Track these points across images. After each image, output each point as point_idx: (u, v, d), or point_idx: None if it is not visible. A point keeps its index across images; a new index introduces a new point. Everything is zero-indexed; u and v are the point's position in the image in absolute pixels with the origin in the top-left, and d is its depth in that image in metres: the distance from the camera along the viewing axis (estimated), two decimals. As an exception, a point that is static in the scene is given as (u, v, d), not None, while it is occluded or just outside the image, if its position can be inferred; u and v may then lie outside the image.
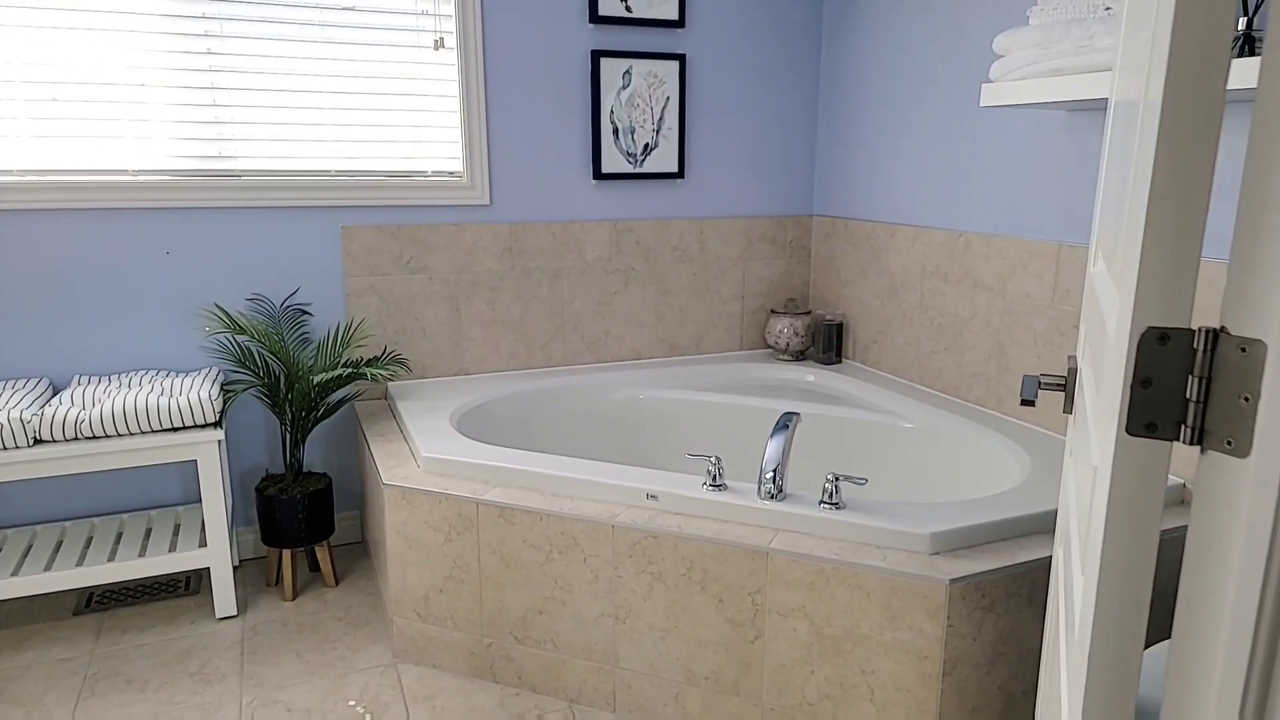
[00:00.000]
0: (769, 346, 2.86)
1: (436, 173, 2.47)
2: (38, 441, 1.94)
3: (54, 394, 2.16)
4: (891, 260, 2.52)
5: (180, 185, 2.21)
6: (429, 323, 2.53)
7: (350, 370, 2.17)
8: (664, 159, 2.69)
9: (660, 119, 2.65)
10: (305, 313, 2.41)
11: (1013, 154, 2.07)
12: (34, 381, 2.15)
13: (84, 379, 2.19)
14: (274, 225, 2.33)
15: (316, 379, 2.11)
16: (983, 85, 1.76)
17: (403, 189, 2.42)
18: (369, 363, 2.35)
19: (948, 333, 2.31)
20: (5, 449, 1.89)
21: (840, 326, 2.73)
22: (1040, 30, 1.58)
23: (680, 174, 2.71)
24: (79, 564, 2.04)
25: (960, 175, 2.25)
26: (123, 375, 2.22)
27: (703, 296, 2.84)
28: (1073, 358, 1.03)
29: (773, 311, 2.82)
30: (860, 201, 2.67)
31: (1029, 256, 2.02)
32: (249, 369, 2.23)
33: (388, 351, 2.49)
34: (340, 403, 2.32)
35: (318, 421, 2.29)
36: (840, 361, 2.76)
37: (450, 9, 2.38)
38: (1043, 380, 1.02)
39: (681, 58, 2.63)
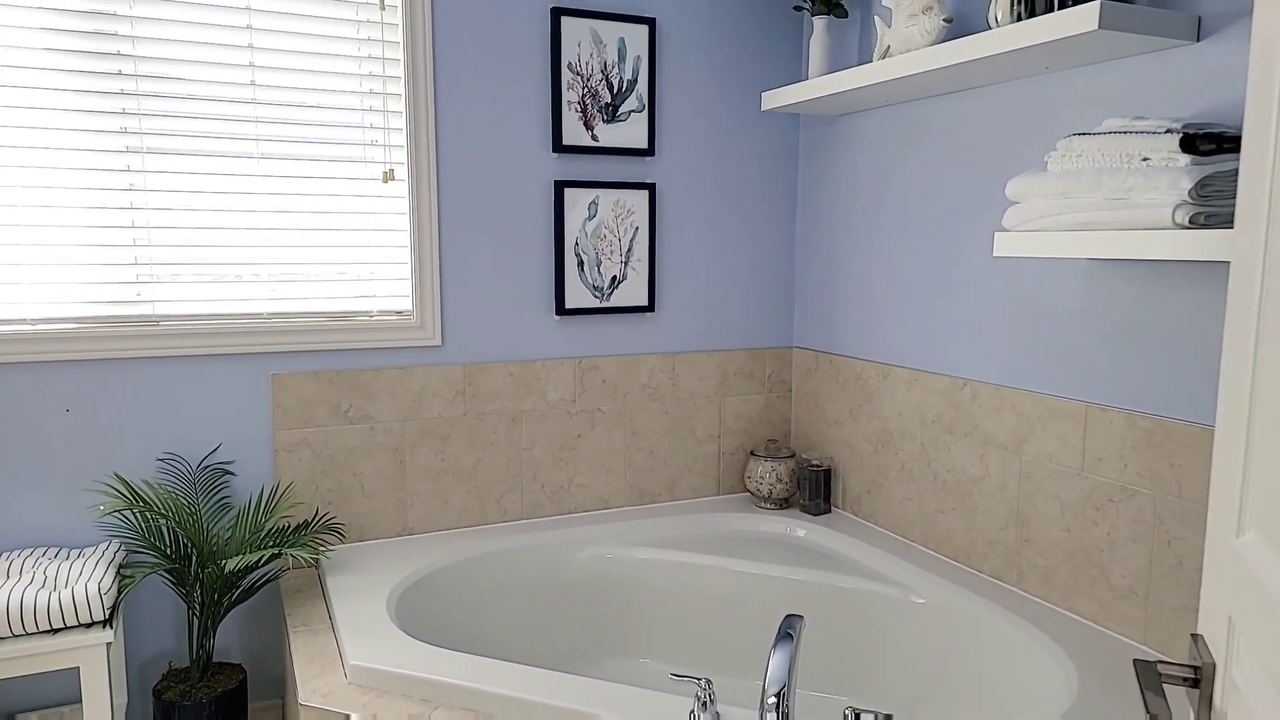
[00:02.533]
0: (749, 492, 2.60)
1: (382, 312, 2.23)
2: (-124, 656, 1.59)
3: (-87, 583, 1.81)
4: (885, 404, 2.31)
5: (88, 335, 1.93)
6: (369, 478, 2.23)
7: (271, 551, 1.86)
8: (633, 292, 2.48)
9: (629, 250, 2.46)
10: (227, 472, 2.11)
11: (1024, 300, 1.89)
12: (-111, 569, 1.80)
13: (-47, 563, 1.85)
14: (194, 375, 2.05)
15: (228, 565, 1.79)
16: (996, 234, 1.58)
17: (344, 331, 2.17)
18: (296, 531, 2.04)
19: (955, 491, 2.08)
20: None
21: (828, 472, 2.49)
22: (1064, 178, 1.41)
23: (650, 307, 2.50)
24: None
25: (963, 318, 2.06)
26: (6, 555, 1.88)
27: (676, 437, 2.59)
28: (1201, 642, 0.79)
29: (752, 454, 2.57)
30: (846, 337, 2.47)
31: (1050, 415, 1.81)
32: (154, 546, 1.90)
33: (319, 516, 2.18)
34: (260, 582, 1.99)
35: (233, 606, 1.96)
36: (829, 511, 2.50)
37: (402, 139, 2.19)
38: (1163, 670, 0.77)
39: (651, 187, 2.46)
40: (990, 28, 1.69)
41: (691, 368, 2.59)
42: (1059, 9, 1.58)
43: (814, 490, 2.48)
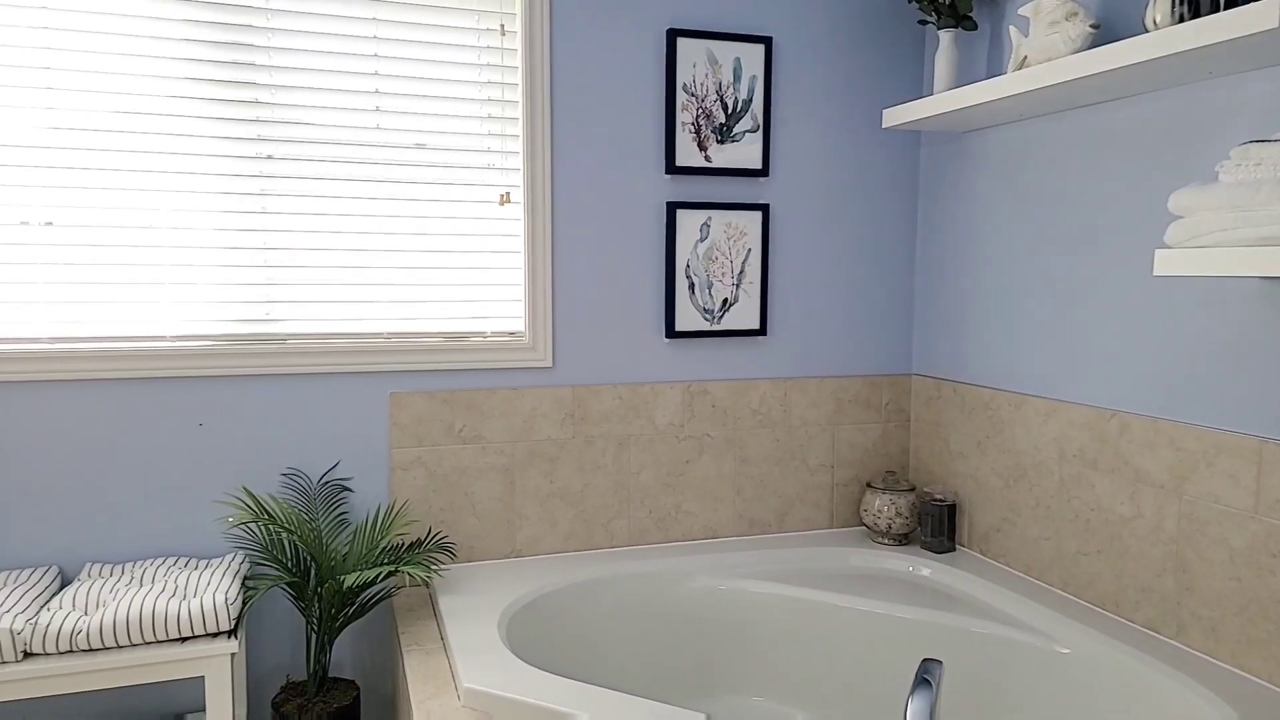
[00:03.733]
0: (865, 526, 2.48)
1: (495, 333, 2.24)
2: (28, 655, 1.66)
3: (61, 586, 1.91)
4: (1018, 436, 2.16)
5: (220, 351, 2.01)
6: (480, 498, 2.23)
7: (388, 569, 1.87)
8: (744, 315, 2.42)
9: (741, 272, 2.40)
10: (345, 489, 2.14)
11: (1185, 323, 1.74)
12: (41, 571, 1.90)
13: (95, 569, 1.93)
14: (316, 392, 2.10)
15: (347, 581, 1.81)
16: (1157, 252, 1.45)
17: (458, 351, 2.19)
18: (410, 549, 2.05)
19: (1101, 532, 1.91)
20: (-13, 666, 1.62)
21: (953, 508, 2.35)
22: (1239, 189, 1.28)
23: (762, 330, 2.43)
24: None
25: (1110, 343, 1.91)
26: (138, 564, 1.96)
27: (787, 466, 2.50)
28: None
29: (869, 486, 2.46)
30: (973, 364, 2.34)
31: (1216, 452, 1.64)
32: (277, 560, 1.95)
33: (432, 535, 2.19)
34: (375, 600, 2.01)
35: (349, 621, 1.97)
36: (954, 549, 2.36)
37: (518, 162, 2.21)
38: None
39: (765, 208, 2.40)
40: (1146, 31, 1.57)
41: (804, 394, 2.50)
42: (1226, 8, 1.45)
43: (937, 526, 2.34)
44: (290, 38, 2.01)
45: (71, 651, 1.68)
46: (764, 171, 2.39)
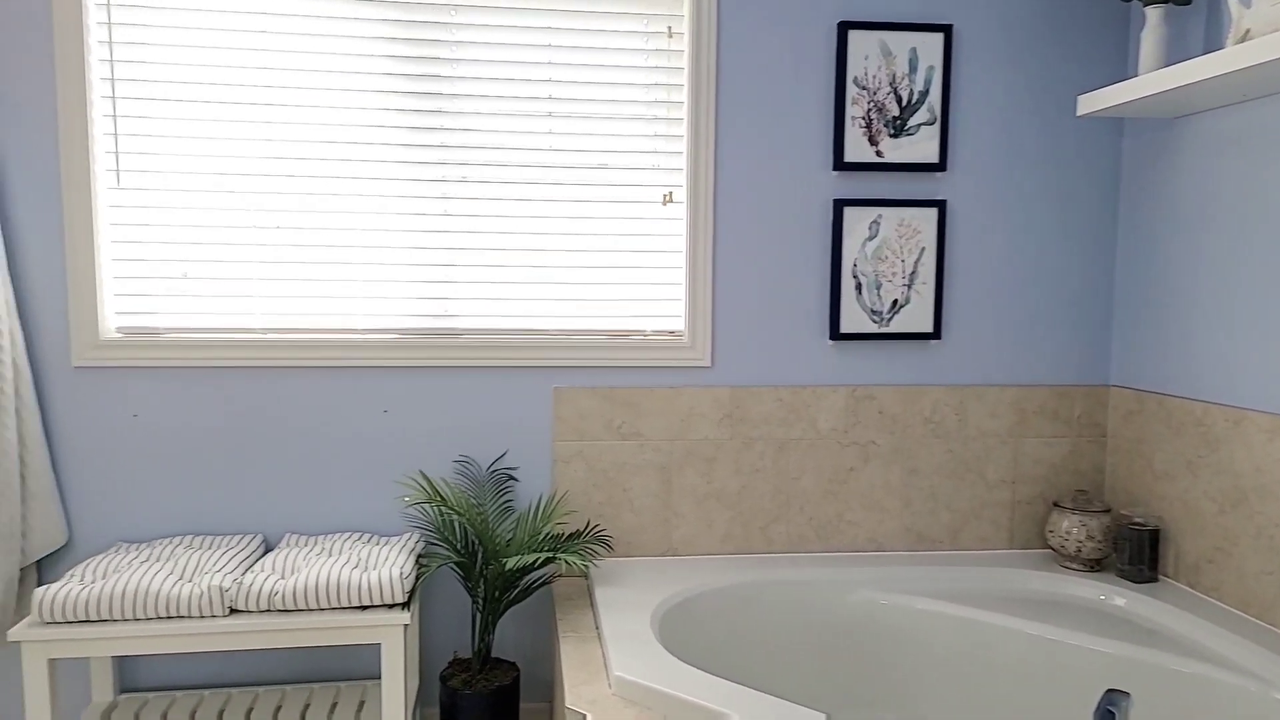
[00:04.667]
0: (1050, 548, 2.28)
1: (656, 332, 2.27)
2: (234, 611, 1.86)
3: (265, 553, 2.12)
4: (1237, 456, 1.90)
5: (405, 344, 2.17)
6: (637, 495, 2.26)
7: (546, 555, 1.93)
8: (916, 317, 2.30)
9: (913, 272, 2.29)
10: (511, 478, 2.24)
11: None
12: (248, 538, 2.13)
13: (293, 539, 2.14)
14: (488, 385, 2.22)
15: (509, 564, 1.89)
16: None
17: (619, 349, 2.23)
18: (569, 539, 2.11)
19: (1338, 570, 1.65)
20: (203, 618, 1.83)
21: (1155, 534, 2.11)
22: None
23: (936, 334, 2.30)
24: (256, 745, 1.91)
25: (1346, 351, 1.64)
26: (328, 537, 2.15)
27: (962, 479, 2.34)
28: None
29: (1056, 505, 2.25)
30: (1183, 375, 2.09)
31: None
32: (447, 540, 2.07)
33: (590, 527, 2.24)
34: (536, 584, 2.08)
35: (511, 604, 2.06)
36: (1155, 579, 2.11)
37: (682, 162, 2.22)
38: None
39: (941, 204, 2.27)
40: (1406, -18, 1.34)
41: (982, 403, 2.33)
42: None
43: (1136, 553, 2.10)
44: (472, 49, 2.14)
45: (269, 610, 1.86)
46: (941, 166, 2.26)
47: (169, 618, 1.81)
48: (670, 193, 2.23)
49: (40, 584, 2.07)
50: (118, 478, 2.11)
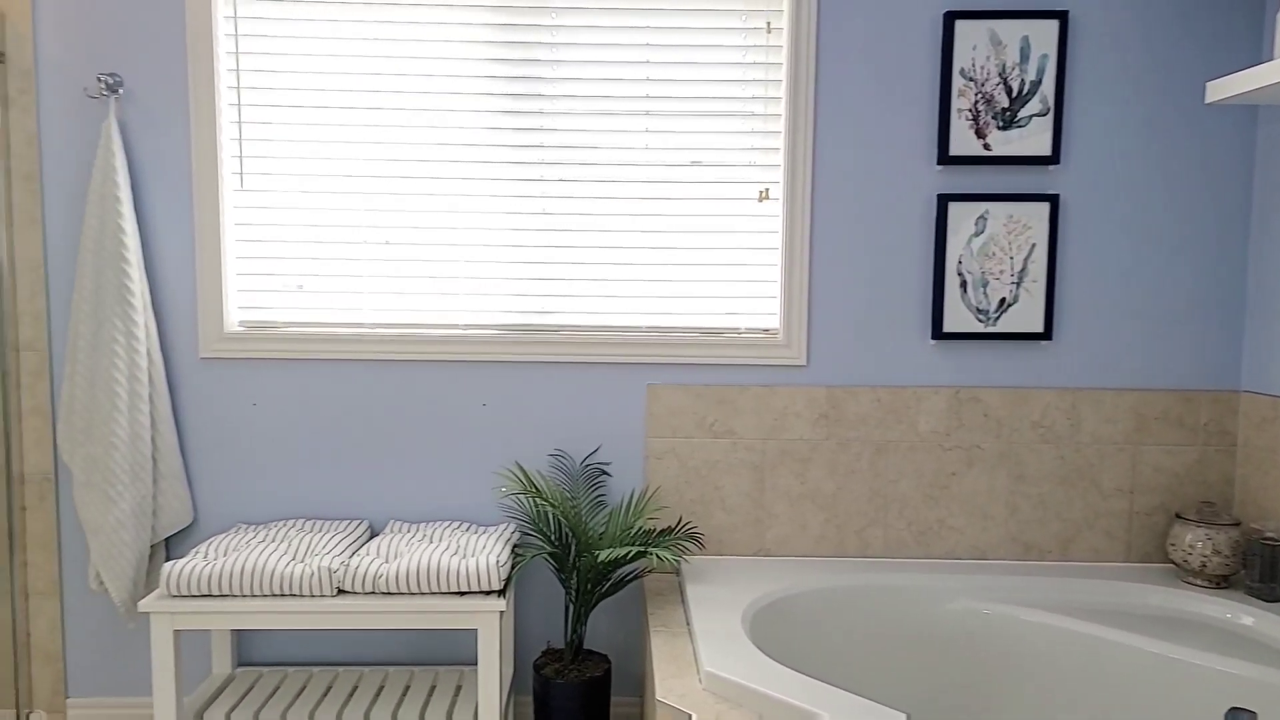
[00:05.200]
0: (1172, 563, 2.14)
1: (750, 330, 2.25)
2: (341, 592, 1.95)
3: (370, 538, 2.21)
4: (1386, 468, 1.74)
5: (504, 340, 2.22)
6: (729, 493, 2.25)
7: (638, 549, 1.95)
8: (1025, 316, 2.20)
9: (1022, 270, 2.19)
10: (604, 473, 2.27)
11: None
12: (355, 524, 2.22)
13: (397, 525, 2.22)
14: (583, 381, 2.25)
15: (601, 556, 1.91)
16: None
17: (712, 347, 2.22)
18: (660, 534, 2.11)
19: None
20: (313, 596, 1.92)
21: (1291, 551, 1.95)
22: None
23: (1046, 334, 2.20)
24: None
25: None
26: (429, 525, 2.22)
27: (1074, 487, 2.23)
28: None
29: (1179, 517, 2.11)
30: (1324, 379, 1.93)
31: None
32: (541, 532, 2.11)
33: (682, 524, 2.24)
34: (628, 578, 2.10)
35: (603, 597, 2.08)
36: (1291, 601, 1.96)
37: (779, 158, 2.20)
38: None
39: (1054, 198, 2.17)
40: None
41: (1097, 407, 2.21)
42: None
43: (1267, 570, 1.95)
44: (571, 50, 2.18)
45: (374, 593, 1.94)
46: (1054, 159, 2.16)
47: (282, 595, 1.91)
48: (766, 189, 2.21)
49: (168, 560, 2.22)
50: (238, 462, 2.24)
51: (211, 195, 2.16)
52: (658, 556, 1.95)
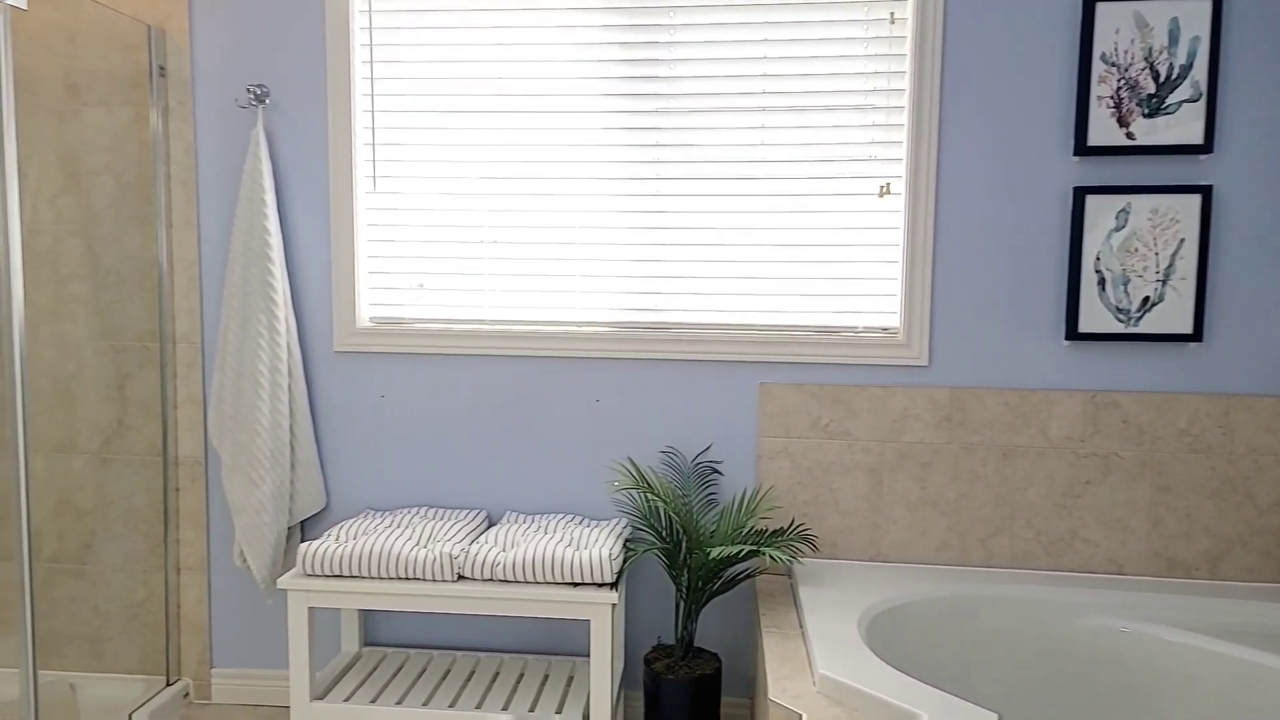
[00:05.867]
0: (1341, 587, 1.95)
1: (868, 329, 2.19)
2: (461, 577, 2.02)
3: (488, 527, 2.28)
4: None
5: (616, 336, 2.25)
6: (845, 496, 2.20)
7: (750, 547, 1.93)
8: (1171, 316, 2.05)
9: (1169, 267, 2.05)
10: (715, 471, 2.26)
11: None
12: (474, 513, 2.29)
13: (513, 515, 2.28)
14: (694, 378, 2.25)
15: (712, 553, 1.90)
16: None
17: (828, 345, 2.18)
18: (772, 535, 2.09)
19: None
20: (435, 581, 1.99)
21: None
22: None
23: (1196, 335, 2.04)
24: (477, 706, 2.06)
25: None
26: (544, 517, 2.27)
27: (1225, 501, 2.06)
28: None
29: (1350, 537, 1.92)
30: None
31: None
32: (653, 527, 2.12)
33: (794, 525, 2.21)
34: (739, 578, 2.08)
35: (714, 595, 2.07)
36: None
37: (901, 152, 2.14)
38: None
39: (1206, 190, 2.02)
40: None
41: (1253, 415, 2.04)
42: None
43: None
44: (689, 49, 2.19)
45: (491, 580, 2.00)
46: (1206, 148, 2.01)
47: (407, 579, 2.00)
48: (888, 184, 2.15)
49: (303, 541, 2.35)
50: (367, 451, 2.35)
51: (345, 197, 2.28)
52: (771, 556, 1.92)
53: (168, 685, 2.40)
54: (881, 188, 2.15)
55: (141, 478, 2.36)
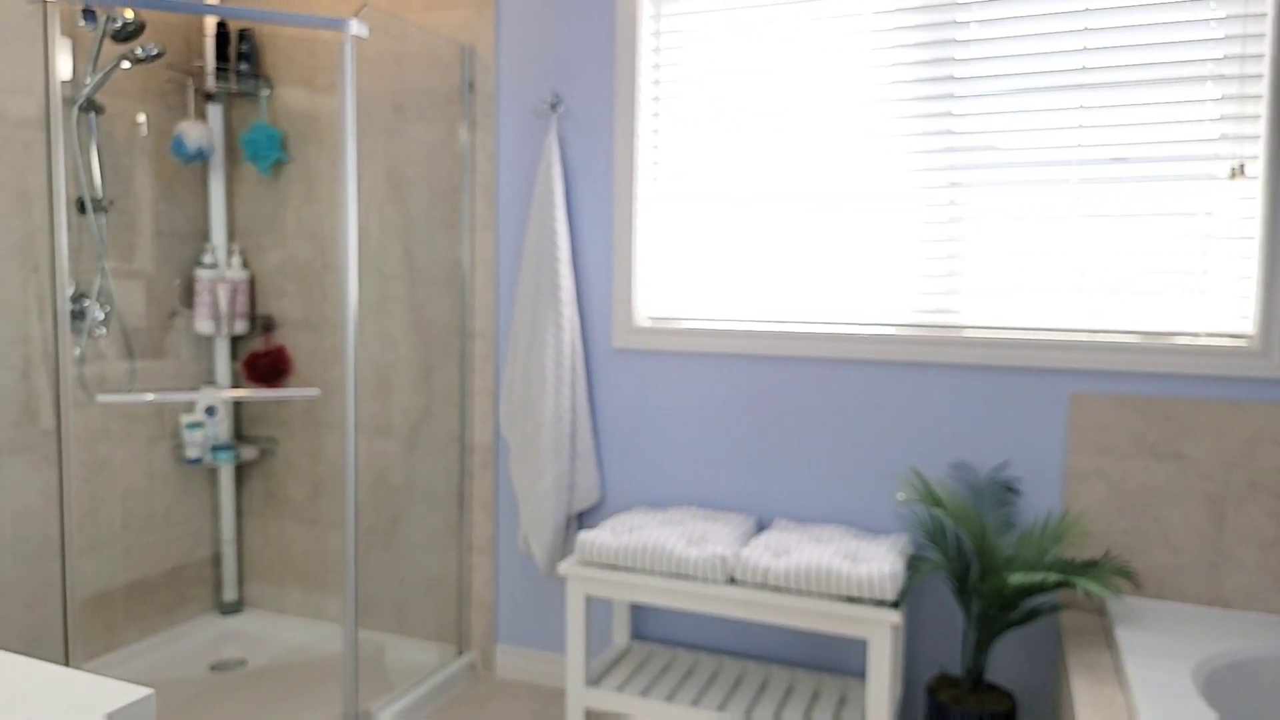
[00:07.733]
0: None
1: (1210, 334, 1.88)
2: (732, 581, 1.99)
3: (758, 532, 2.23)
4: None
5: (901, 339, 2.11)
6: (1174, 528, 1.90)
7: (1059, 577, 1.71)
8: None
9: None
10: (1013, 490, 2.05)
11: None
12: (743, 517, 2.26)
13: (783, 522, 2.22)
14: (989, 387, 2.05)
15: (1013, 579, 1.71)
16: None
17: (1156, 352, 1.89)
18: (1083, 567, 1.85)
19: None
20: (706, 581, 1.98)
21: None
22: None
23: None
24: (747, 715, 2.01)
25: None
26: (817, 525, 2.18)
27: None
28: None
29: None
30: None
31: None
32: (939, 546, 1.96)
33: (1109, 556, 1.94)
34: (1039, 610, 1.86)
35: (1010, 626, 1.87)
36: None
37: (1259, 128, 1.82)
38: None
39: None
40: None
41: None
42: None
43: None
44: (988, 27, 2.01)
45: (763, 586, 1.95)
46: None
47: (679, 576, 2.00)
48: (1241, 164, 1.83)
49: (580, 530, 2.44)
50: (640, 447, 2.40)
51: (626, 199, 2.35)
52: (1085, 590, 1.69)
53: (459, 655, 2.61)
54: (1233, 169, 1.84)
55: (441, 462, 2.58)
